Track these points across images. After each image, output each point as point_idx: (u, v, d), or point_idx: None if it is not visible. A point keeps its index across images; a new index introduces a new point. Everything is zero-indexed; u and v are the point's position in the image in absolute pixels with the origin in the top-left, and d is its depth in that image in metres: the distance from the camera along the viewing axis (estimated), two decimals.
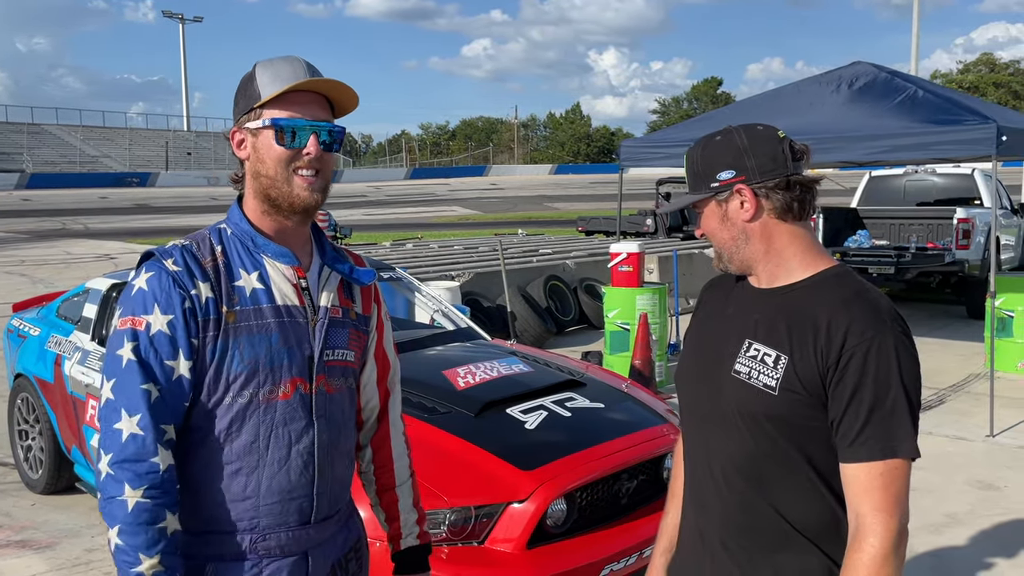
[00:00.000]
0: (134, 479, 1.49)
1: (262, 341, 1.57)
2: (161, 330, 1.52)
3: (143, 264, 1.60)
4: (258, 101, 1.57)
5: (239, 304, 1.57)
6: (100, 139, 61.99)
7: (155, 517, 1.49)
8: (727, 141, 1.58)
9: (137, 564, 1.47)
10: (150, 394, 1.51)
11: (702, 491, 1.65)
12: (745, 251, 1.59)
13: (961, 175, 11.72)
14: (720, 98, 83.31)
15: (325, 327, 1.65)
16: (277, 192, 1.59)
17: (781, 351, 1.51)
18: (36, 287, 13.56)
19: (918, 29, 28.70)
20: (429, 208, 36.91)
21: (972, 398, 6.98)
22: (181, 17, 72.03)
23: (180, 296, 1.53)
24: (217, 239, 1.62)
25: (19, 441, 5.12)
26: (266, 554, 1.59)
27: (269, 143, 1.58)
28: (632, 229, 19.36)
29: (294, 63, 1.60)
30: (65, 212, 32.83)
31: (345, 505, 1.76)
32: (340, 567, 1.73)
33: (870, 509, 1.41)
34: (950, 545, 4.23)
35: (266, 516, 1.59)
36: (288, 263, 1.63)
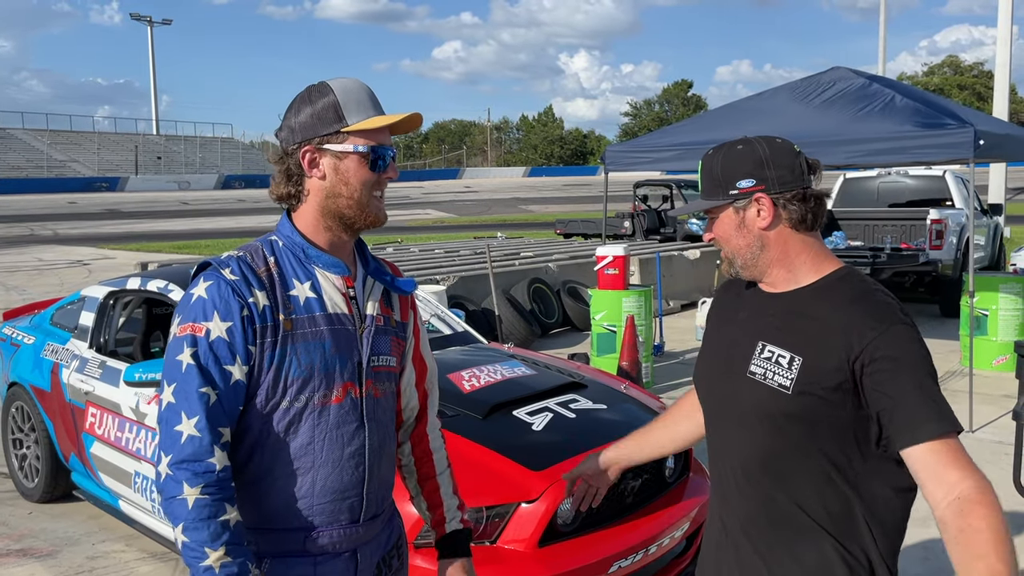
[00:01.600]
0: (192, 478, 1.54)
1: (317, 348, 1.64)
2: (220, 336, 1.59)
3: (200, 274, 1.66)
4: (345, 126, 1.64)
5: (294, 312, 1.64)
6: (67, 143, 61.11)
7: (216, 511, 1.54)
8: (749, 151, 1.65)
9: (204, 558, 1.53)
10: (208, 397, 1.57)
11: (724, 486, 1.74)
12: (760, 258, 1.66)
13: (933, 177, 11.98)
14: (691, 101, 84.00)
15: (372, 334, 1.73)
16: (357, 212, 1.68)
17: (795, 352, 1.59)
18: (10, 294, 13.41)
19: (885, 32, 29.14)
20: (403, 211, 36.86)
21: (950, 395, 6.99)
22: (149, 20, 71.26)
23: (239, 304, 1.60)
24: (270, 250, 1.69)
25: (14, 450, 5.09)
26: (319, 551, 1.67)
27: (358, 168, 1.66)
28: (609, 231, 19.50)
29: (366, 89, 1.69)
30: (33, 218, 32.39)
31: (388, 505, 1.85)
32: (384, 564, 1.82)
33: (960, 475, 1.46)
34: (937, 537, 4.34)
35: (320, 515, 1.66)
36: (339, 273, 1.71)
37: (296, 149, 1.67)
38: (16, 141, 58.96)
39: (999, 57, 17.44)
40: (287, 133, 1.69)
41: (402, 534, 1.95)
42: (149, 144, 64.83)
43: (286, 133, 1.69)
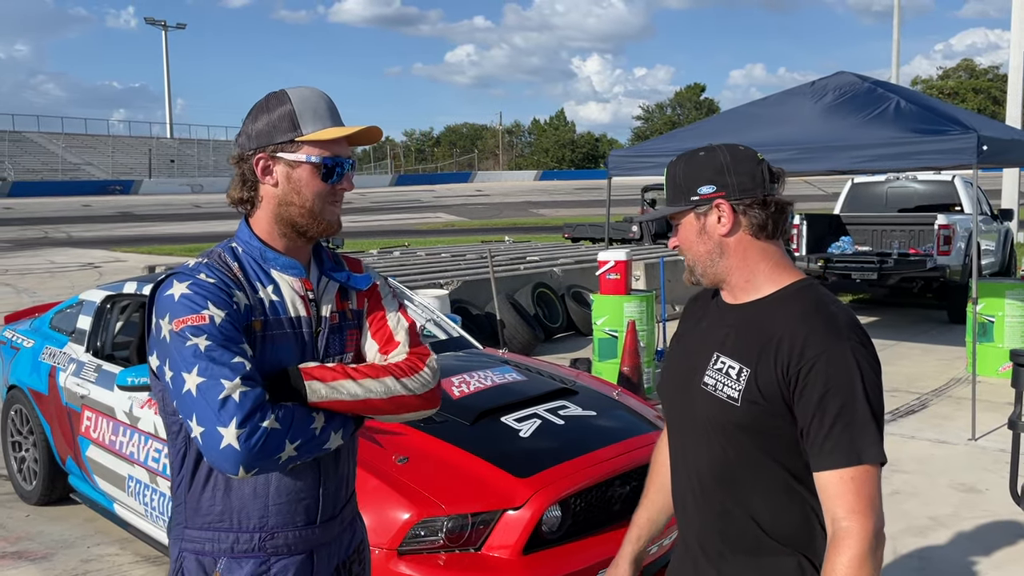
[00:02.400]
0: (262, 415, 1.54)
1: (280, 350, 1.68)
2: (225, 319, 1.60)
3: (170, 279, 1.66)
4: (300, 136, 1.66)
5: (263, 315, 1.68)
6: (82, 147, 61.60)
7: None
8: (710, 157, 1.65)
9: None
10: (244, 364, 1.56)
11: (683, 498, 1.74)
12: (719, 264, 1.66)
13: (941, 182, 11.90)
14: (703, 104, 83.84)
15: (325, 336, 1.76)
16: (309, 221, 1.70)
17: (744, 364, 1.58)
18: (20, 297, 13.50)
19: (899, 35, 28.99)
20: (414, 215, 36.95)
21: (954, 402, 7.10)
22: (164, 24, 71.75)
23: (226, 298, 1.63)
24: (231, 256, 1.72)
25: (12, 453, 5.13)
26: (274, 552, 1.69)
27: (311, 178, 1.68)
28: (618, 236, 19.48)
29: (324, 99, 1.70)
30: (48, 220, 32.65)
31: (348, 506, 1.86)
32: (344, 568, 1.83)
33: (845, 512, 1.47)
34: (934, 547, 4.32)
35: (275, 516, 1.69)
36: (297, 275, 1.74)
37: (251, 155, 1.70)
38: (32, 144, 59.49)
39: (1012, 60, 17.30)
40: (244, 139, 1.71)
41: (364, 539, 1.95)
42: (163, 147, 65.27)
43: (243, 139, 1.71)
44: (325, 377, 1.65)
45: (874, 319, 11.51)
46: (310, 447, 1.62)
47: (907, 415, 6.76)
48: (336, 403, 1.65)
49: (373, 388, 1.68)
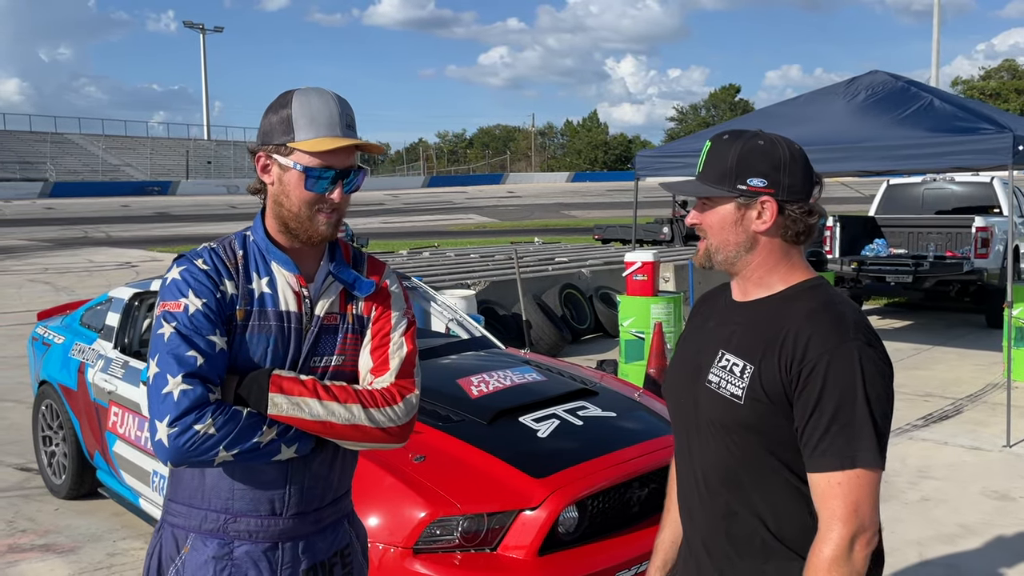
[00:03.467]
0: (196, 417, 1.59)
1: (262, 341, 1.72)
2: (199, 310, 1.65)
3: (174, 263, 1.74)
4: (292, 140, 1.69)
5: (248, 305, 1.72)
6: (122, 148, 62.65)
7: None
8: (770, 149, 1.57)
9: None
10: (196, 359, 1.62)
11: (689, 499, 1.70)
12: (743, 258, 1.60)
13: (980, 183, 11.66)
14: (738, 105, 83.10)
15: (315, 335, 1.76)
16: (297, 225, 1.73)
17: (748, 361, 1.55)
18: (59, 295, 13.76)
19: (939, 35, 28.54)
20: (446, 216, 37.07)
21: (989, 408, 6.95)
22: (202, 27, 72.76)
23: (212, 286, 1.68)
24: (240, 244, 1.78)
25: (43, 447, 5.22)
26: (236, 536, 1.73)
27: (297, 184, 1.70)
28: (648, 237, 19.39)
29: (331, 105, 1.70)
30: (87, 220, 33.26)
31: (331, 508, 1.84)
32: (322, 568, 1.81)
33: (827, 517, 1.45)
34: (964, 555, 4.22)
35: (239, 501, 1.73)
36: (291, 271, 1.76)
37: (256, 151, 1.75)
38: (73, 146, 60.64)
39: None
40: (258, 133, 1.76)
41: (352, 541, 1.91)
42: (200, 149, 66.15)
43: (258, 133, 1.76)
44: (293, 391, 1.66)
45: (908, 323, 11.31)
46: (251, 456, 1.64)
47: (941, 420, 6.63)
48: (296, 420, 1.66)
49: (337, 412, 1.67)
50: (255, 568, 1.73)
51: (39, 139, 58.52)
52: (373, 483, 3.05)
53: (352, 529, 1.92)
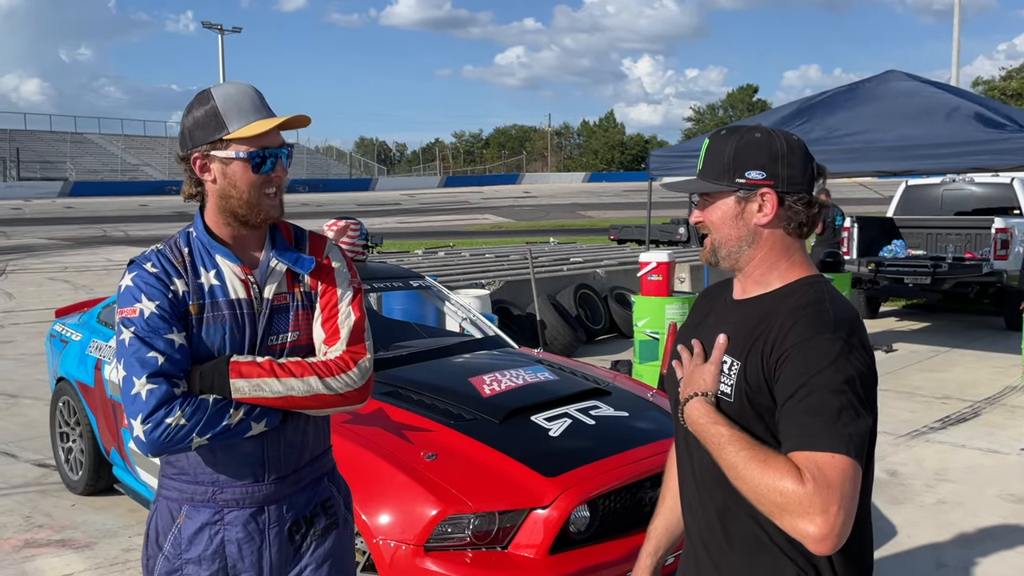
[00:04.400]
0: (167, 414, 1.73)
1: (218, 330, 1.84)
2: (153, 312, 1.77)
3: (127, 269, 1.86)
4: (226, 133, 1.79)
5: (201, 299, 1.83)
6: (141, 148, 63.16)
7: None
8: (767, 141, 1.56)
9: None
10: (157, 359, 1.75)
11: (688, 495, 1.71)
12: (745, 252, 1.60)
13: (1000, 184, 11.55)
14: (756, 105, 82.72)
15: (267, 316, 1.88)
16: (248, 211, 1.84)
17: (735, 357, 1.55)
18: (78, 293, 13.89)
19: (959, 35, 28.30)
20: (462, 216, 37.11)
21: (1007, 411, 6.88)
22: (220, 28, 73.14)
23: (162, 287, 1.80)
24: (185, 242, 1.88)
25: (60, 443, 5.27)
26: (225, 504, 1.89)
27: (243, 171, 1.81)
28: (664, 238, 19.33)
29: (249, 93, 1.82)
30: (107, 220, 33.56)
31: (308, 468, 1.99)
32: (305, 521, 1.98)
33: (807, 476, 1.37)
34: (980, 558, 4.18)
35: (223, 473, 1.88)
36: (234, 262, 1.87)
37: (188, 155, 1.84)
38: (92, 145, 61.20)
39: None
40: (181, 139, 1.85)
41: (333, 496, 2.05)
42: None
43: (181, 139, 1.85)
44: (251, 374, 1.79)
45: (926, 325, 11.22)
46: (224, 437, 1.79)
47: (958, 423, 6.57)
48: (259, 399, 1.80)
49: (295, 386, 1.81)
50: (244, 530, 1.89)
51: (59, 139, 59.10)
52: (385, 481, 3.06)
53: (333, 484, 2.07)
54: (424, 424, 3.38)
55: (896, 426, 6.38)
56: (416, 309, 6.74)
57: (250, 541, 1.90)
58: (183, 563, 1.89)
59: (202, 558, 1.88)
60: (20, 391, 7.68)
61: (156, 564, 1.92)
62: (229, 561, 1.89)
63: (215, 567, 1.89)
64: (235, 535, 1.89)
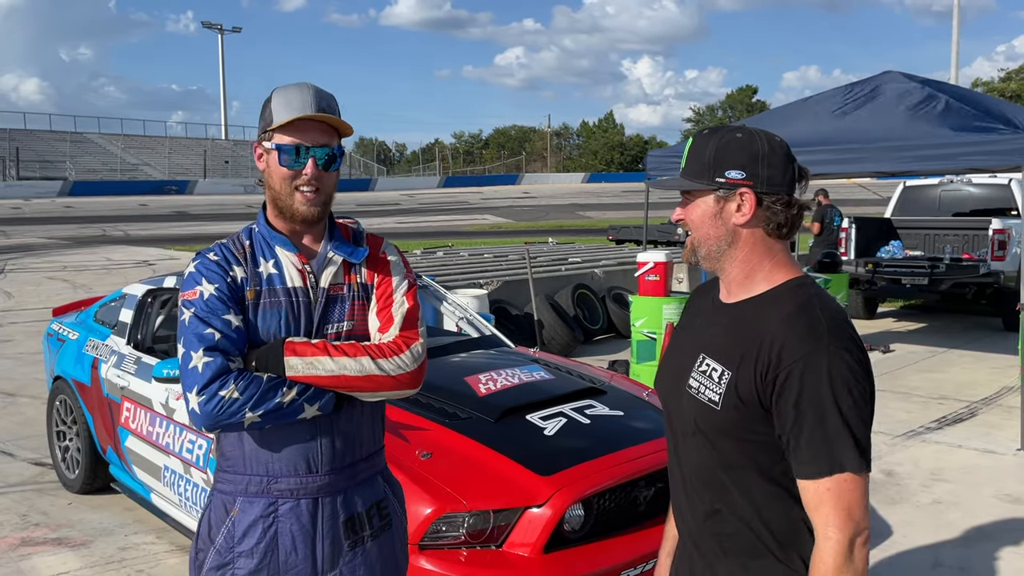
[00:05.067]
0: (222, 386, 1.78)
1: (274, 315, 1.90)
2: (212, 294, 1.86)
3: (191, 260, 1.96)
4: (271, 125, 1.88)
5: (258, 285, 1.90)
6: (140, 148, 63.11)
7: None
8: (748, 142, 1.57)
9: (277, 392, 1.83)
10: (214, 335, 1.82)
11: (677, 497, 1.72)
12: (724, 253, 1.60)
13: (997, 185, 11.56)
14: (755, 106, 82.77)
15: (323, 304, 1.94)
16: (282, 204, 1.92)
17: (726, 366, 1.54)
18: (77, 292, 13.88)
19: (958, 36, 28.31)
20: (461, 216, 37.10)
21: (1004, 411, 6.89)
22: (220, 28, 73.15)
23: (222, 273, 1.89)
24: (247, 235, 1.98)
25: (57, 442, 5.27)
26: (279, 495, 1.91)
27: (275, 163, 1.90)
28: (662, 238, 19.33)
29: (304, 92, 1.88)
30: (106, 219, 33.52)
31: (364, 464, 2.01)
32: (359, 519, 1.98)
33: (822, 524, 1.46)
34: (976, 559, 4.19)
35: (277, 463, 1.91)
36: (291, 251, 1.94)
37: (255, 147, 1.97)
38: (92, 145, 61.14)
39: None
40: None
41: (388, 498, 2.07)
42: (217, 148, 66.50)
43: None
44: (305, 352, 1.84)
45: (924, 325, 11.23)
46: (276, 416, 1.82)
47: (955, 423, 6.58)
48: (312, 378, 1.83)
49: (348, 366, 1.84)
50: (298, 523, 1.90)
51: (59, 138, 59.06)
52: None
53: (387, 484, 2.09)
54: (419, 423, 3.39)
55: (893, 426, 6.38)
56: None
57: (304, 533, 1.91)
58: (235, 556, 1.90)
59: (255, 551, 1.89)
60: (18, 390, 7.68)
61: (207, 557, 1.93)
62: (282, 553, 1.90)
63: (267, 559, 1.90)
64: (289, 527, 1.90)
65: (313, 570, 1.92)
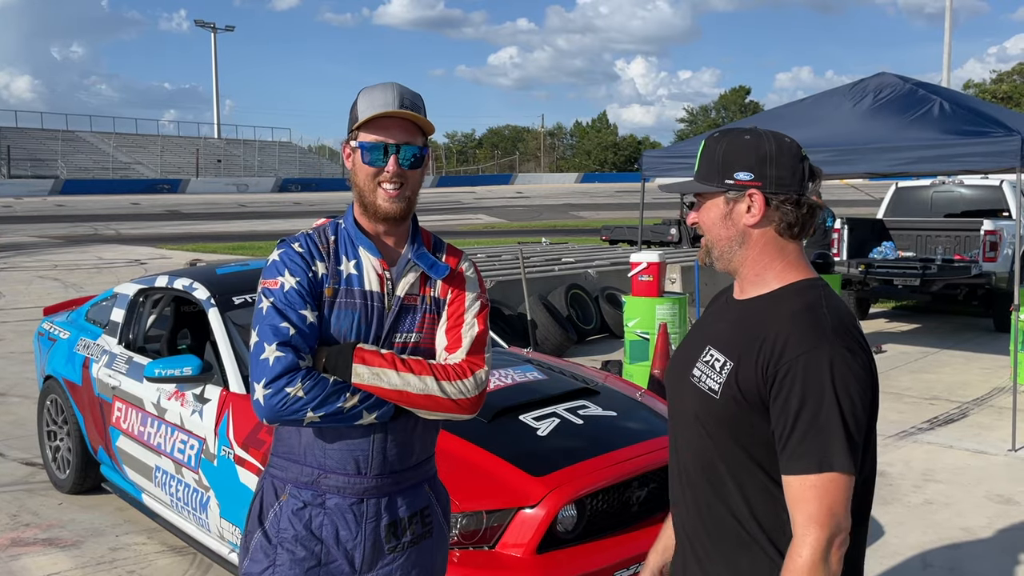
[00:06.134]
0: (289, 383, 1.80)
1: (348, 316, 1.91)
2: (292, 287, 1.87)
3: (277, 246, 1.96)
4: (356, 124, 1.90)
5: (337, 284, 1.91)
6: (132, 146, 62.91)
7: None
8: (755, 143, 1.59)
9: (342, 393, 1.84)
10: (289, 330, 1.83)
11: (674, 489, 1.73)
12: (736, 253, 1.63)
13: (989, 187, 11.60)
14: (748, 107, 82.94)
15: (396, 312, 1.94)
16: (367, 201, 1.93)
17: (729, 357, 1.57)
18: (68, 291, 13.82)
19: (950, 38, 28.41)
20: (455, 216, 37.07)
21: (995, 412, 6.91)
22: (213, 26, 72.98)
23: (305, 266, 1.89)
24: (333, 230, 1.98)
25: (48, 442, 5.24)
26: (327, 489, 1.94)
27: (360, 161, 1.92)
28: (656, 239, 19.35)
29: (388, 91, 1.90)
30: (98, 218, 33.39)
31: (413, 471, 2.01)
32: (401, 524, 1.99)
33: (803, 520, 1.46)
34: (967, 559, 4.20)
35: (330, 459, 1.93)
36: (375, 255, 1.95)
37: (344, 147, 1.99)
38: (84, 143, 60.90)
39: None
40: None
41: (431, 504, 2.06)
42: (210, 147, 66.32)
43: None
44: (373, 362, 1.86)
45: (916, 326, 11.26)
46: (336, 419, 1.84)
47: (946, 424, 6.60)
48: (375, 388, 1.86)
49: (412, 383, 1.87)
50: (342, 519, 1.92)
51: (50, 136, 58.79)
52: None
53: (433, 492, 2.09)
54: None
55: (884, 427, 6.40)
56: None
57: (347, 530, 1.92)
58: (279, 542, 1.92)
59: (298, 538, 1.91)
60: (8, 389, 7.64)
61: (252, 541, 1.96)
62: (324, 546, 1.92)
63: (309, 550, 1.91)
64: (333, 520, 1.92)
65: (351, 569, 1.94)
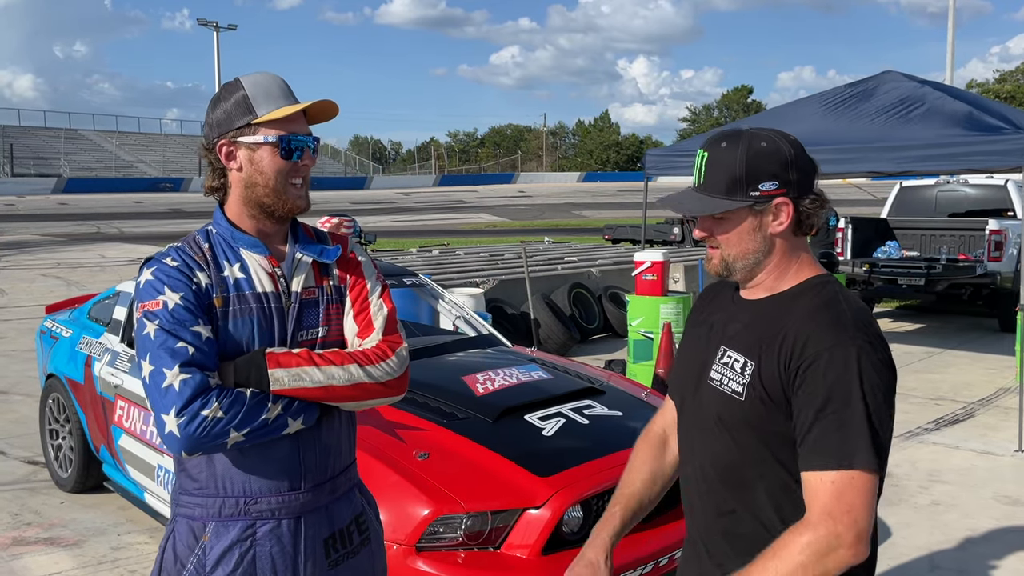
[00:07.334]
0: (202, 404, 1.62)
1: (245, 323, 1.75)
2: (177, 303, 1.68)
3: (144, 266, 1.78)
4: (256, 118, 1.74)
5: (225, 291, 1.75)
6: (135, 145, 62.92)
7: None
8: (775, 149, 1.52)
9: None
10: (187, 349, 1.65)
11: (690, 496, 1.69)
12: (762, 263, 1.57)
13: (994, 186, 11.57)
14: (751, 106, 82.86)
15: (297, 310, 1.81)
16: (275, 200, 1.78)
17: (749, 358, 1.52)
18: (70, 290, 13.82)
19: (953, 38, 28.32)
20: (457, 215, 37.06)
21: (1002, 412, 6.88)
22: (216, 25, 72.87)
23: (186, 279, 1.71)
24: (204, 238, 1.81)
25: (50, 440, 5.23)
26: (259, 516, 1.76)
27: (270, 157, 1.76)
28: (659, 238, 19.33)
29: (276, 80, 1.80)
30: (100, 216, 33.41)
31: (343, 476, 1.90)
32: (339, 537, 1.87)
33: (818, 511, 1.40)
34: (974, 560, 4.17)
35: (256, 481, 1.75)
36: (261, 253, 1.80)
37: (215, 144, 1.78)
38: (87, 142, 60.94)
39: None
40: (207, 130, 1.79)
41: (365, 510, 1.97)
42: None
43: (206, 129, 1.79)
44: (290, 363, 1.71)
45: (920, 326, 11.23)
46: (261, 433, 1.68)
47: (952, 424, 6.56)
48: (299, 391, 1.71)
49: (336, 375, 1.73)
50: (279, 544, 1.76)
51: (53, 135, 58.83)
52: (377, 480, 3.03)
53: (363, 497, 1.99)
54: (417, 423, 3.35)
55: None
56: (410, 307, 6.70)
57: (285, 556, 1.77)
58: None
59: None
60: (11, 387, 7.63)
61: None
62: None
63: None
64: (268, 550, 1.76)
65: None
